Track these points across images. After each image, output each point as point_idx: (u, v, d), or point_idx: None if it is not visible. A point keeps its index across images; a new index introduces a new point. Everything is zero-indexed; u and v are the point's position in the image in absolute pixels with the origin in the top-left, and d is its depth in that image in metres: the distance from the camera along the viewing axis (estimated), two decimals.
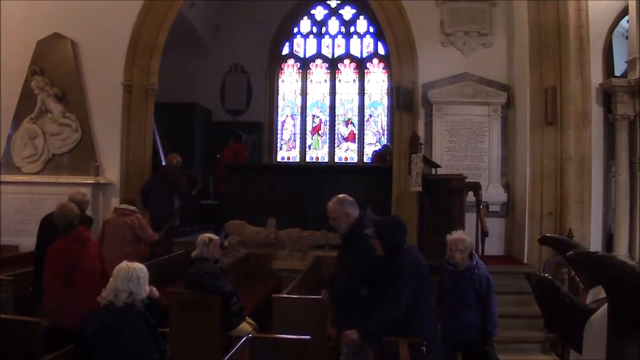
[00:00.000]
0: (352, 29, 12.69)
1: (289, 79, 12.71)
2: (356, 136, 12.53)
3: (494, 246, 7.28)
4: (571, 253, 1.57)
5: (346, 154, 12.58)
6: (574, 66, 6.87)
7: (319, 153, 12.62)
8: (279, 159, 12.57)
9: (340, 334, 3.82)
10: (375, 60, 12.57)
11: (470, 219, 6.45)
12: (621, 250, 6.83)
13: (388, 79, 12.05)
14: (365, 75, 12.52)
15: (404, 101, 7.88)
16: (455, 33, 7.90)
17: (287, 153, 12.69)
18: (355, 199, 4.01)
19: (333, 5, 12.75)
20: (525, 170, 7.08)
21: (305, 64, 12.67)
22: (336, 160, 12.48)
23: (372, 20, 11.78)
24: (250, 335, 3.97)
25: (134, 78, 8.11)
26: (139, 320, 3.28)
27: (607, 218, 7.22)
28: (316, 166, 11.83)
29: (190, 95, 11.45)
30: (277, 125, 12.65)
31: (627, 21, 7.04)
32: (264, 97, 12.44)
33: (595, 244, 6.86)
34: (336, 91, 12.58)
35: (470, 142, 7.80)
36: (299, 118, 12.65)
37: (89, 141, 7.94)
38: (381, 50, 12.33)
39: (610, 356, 1.43)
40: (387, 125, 12.13)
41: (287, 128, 12.71)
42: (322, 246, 7.35)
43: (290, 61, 12.71)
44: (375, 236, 3.69)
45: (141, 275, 3.32)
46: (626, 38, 7.30)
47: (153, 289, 3.48)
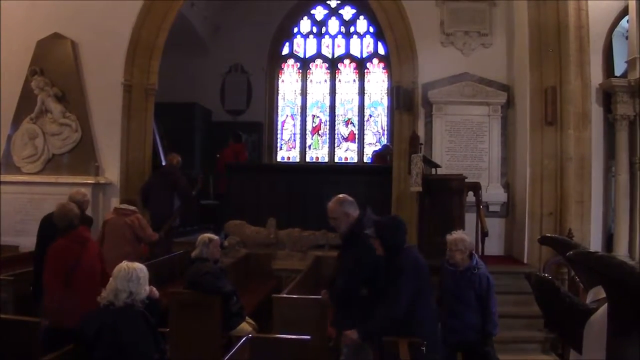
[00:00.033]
0: (352, 29, 12.69)
1: (289, 79, 12.71)
2: (356, 136, 12.52)
3: (494, 246, 7.28)
4: (571, 253, 1.57)
5: (346, 154, 12.58)
6: (574, 66, 6.87)
7: (319, 153, 12.62)
8: (279, 159, 12.57)
9: (340, 334, 3.82)
10: (375, 60, 12.57)
11: (470, 219, 6.45)
12: (621, 250, 6.83)
13: (388, 79, 12.05)
14: (365, 75, 12.52)
15: (404, 101, 7.88)
16: (455, 33, 7.91)
17: (287, 153, 12.69)
18: (355, 199, 4.01)
19: (333, 5, 12.75)
20: (525, 170, 7.08)
21: (305, 64, 12.67)
22: (336, 160, 12.48)
23: (372, 20, 11.78)
24: (250, 335, 3.97)
25: (134, 78, 8.11)
26: (139, 320, 3.28)
27: (607, 218, 7.22)
28: (316, 166, 11.82)
29: (190, 95, 11.45)
30: (277, 125, 12.65)
31: (627, 21, 7.04)
32: (264, 97, 12.44)
33: (595, 244, 6.86)
34: (336, 91, 12.58)
35: (470, 142, 7.80)
36: (299, 118, 12.65)
37: (89, 141, 7.95)
38: (381, 50, 12.33)
39: (610, 356, 1.43)
40: (387, 125, 12.13)
41: (287, 128, 12.70)
42: (322, 246, 7.35)
43: (290, 61, 12.71)
44: (375, 236, 3.69)
45: (141, 275, 3.33)
46: (626, 38, 7.30)
47: (153, 289, 3.48)
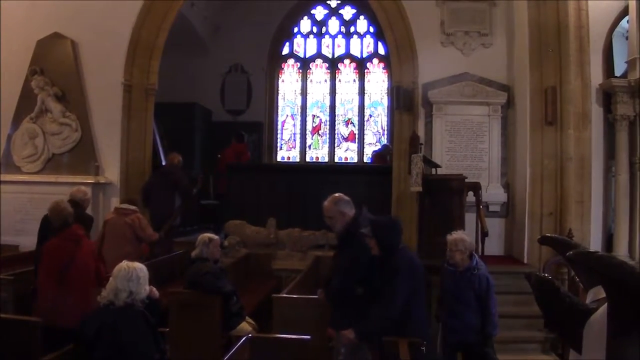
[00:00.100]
0: (352, 29, 12.70)
1: (289, 79, 12.72)
2: (356, 136, 12.53)
3: (494, 246, 7.28)
4: (571, 253, 1.57)
5: (346, 154, 12.58)
6: (574, 66, 6.87)
7: (319, 153, 12.63)
8: (279, 159, 12.58)
9: (338, 334, 3.83)
10: (375, 60, 12.57)
11: (470, 219, 6.44)
12: (621, 250, 6.83)
13: (388, 79, 12.05)
14: (366, 75, 12.53)
15: (404, 101, 7.87)
16: (455, 33, 7.90)
17: (287, 153, 12.69)
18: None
19: (333, 5, 12.75)
20: (525, 170, 7.08)
21: (305, 63, 12.67)
22: (336, 160, 12.49)
23: (372, 20, 11.78)
24: (250, 335, 3.97)
25: (134, 78, 8.11)
26: (139, 320, 3.28)
27: (607, 218, 7.22)
28: (316, 166, 11.83)
29: (190, 95, 11.46)
30: (277, 125, 12.66)
31: (627, 21, 7.04)
32: (264, 97, 12.45)
33: (595, 244, 6.85)
34: (336, 91, 12.58)
35: (470, 142, 7.80)
36: (299, 118, 12.66)
37: (89, 141, 7.94)
38: (381, 50, 12.34)
39: (610, 356, 1.43)
40: (387, 125, 12.13)
41: (287, 128, 12.71)
42: (322, 246, 7.35)
43: (291, 61, 12.71)
44: (371, 235, 3.69)
45: (141, 274, 3.33)
46: (626, 38, 7.30)
47: (153, 289, 3.48)
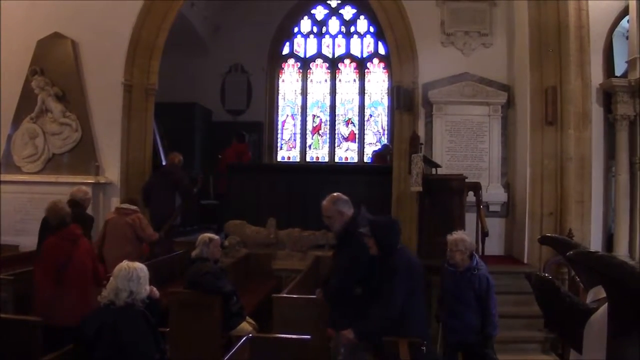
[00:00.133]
0: (353, 29, 12.70)
1: (289, 79, 12.72)
2: (356, 136, 12.53)
3: (494, 246, 7.28)
4: (571, 253, 1.57)
5: (346, 153, 12.58)
6: (574, 66, 6.86)
7: (319, 153, 12.63)
8: (279, 159, 12.58)
9: (337, 334, 3.83)
10: (375, 60, 12.58)
11: (470, 219, 6.44)
12: (621, 250, 6.82)
13: (388, 78, 12.05)
14: (366, 75, 12.53)
15: (404, 101, 7.87)
16: (455, 33, 7.90)
17: (288, 153, 12.69)
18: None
19: (333, 5, 12.75)
20: (526, 170, 7.08)
21: (305, 63, 12.67)
22: (336, 160, 12.49)
23: (373, 20, 11.78)
24: (250, 335, 3.97)
25: (134, 78, 8.11)
26: (139, 320, 3.28)
27: (607, 218, 7.21)
28: (316, 166, 11.83)
29: (190, 95, 11.45)
30: (278, 125, 12.66)
31: (628, 21, 7.04)
32: (264, 97, 12.45)
33: (595, 244, 6.85)
34: (336, 91, 12.59)
35: (470, 142, 7.80)
36: (299, 118, 12.66)
37: (89, 141, 7.95)
38: (381, 50, 12.34)
39: (610, 356, 1.43)
40: (388, 125, 12.13)
41: (288, 128, 12.71)
42: (322, 246, 7.34)
43: (291, 61, 12.72)
44: (369, 235, 3.69)
45: (141, 274, 3.33)
46: (626, 38, 7.29)
47: (153, 289, 3.48)
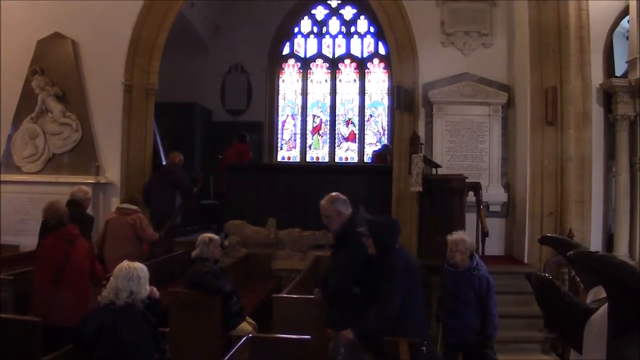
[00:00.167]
0: (353, 29, 12.69)
1: (289, 79, 12.72)
2: (356, 136, 12.53)
3: (494, 246, 7.27)
4: (571, 253, 1.56)
5: (346, 154, 12.58)
6: (574, 66, 6.86)
7: (319, 153, 12.63)
8: (280, 159, 12.58)
9: (337, 333, 3.83)
10: (375, 60, 12.57)
11: (470, 219, 6.44)
12: (621, 250, 6.83)
13: (388, 79, 12.04)
14: (366, 75, 12.53)
15: (404, 101, 7.87)
16: (455, 33, 7.90)
17: (288, 153, 12.69)
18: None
19: (334, 5, 12.75)
20: (526, 170, 7.08)
21: (305, 63, 12.67)
22: (336, 160, 12.49)
23: (373, 20, 11.78)
24: (250, 335, 3.97)
25: (134, 78, 8.11)
26: (139, 320, 3.28)
27: (608, 218, 7.21)
28: (316, 166, 11.82)
29: (190, 95, 11.46)
30: (278, 125, 12.65)
31: (628, 21, 7.04)
32: (264, 97, 12.45)
33: (595, 244, 6.85)
34: (337, 91, 12.58)
35: (470, 142, 7.80)
36: (299, 118, 12.65)
37: (90, 141, 7.95)
38: (382, 50, 12.33)
39: (610, 356, 1.43)
40: (388, 125, 12.13)
41: (288, 128, 12.71)
42: (322, 246, 7.34)
43: (291, 61, 12.71)
44: (368, 235, 3.69)
45: (142, 274, 3.33)
46: (627, 38, 7.29)
47: (153, 289, 3.48)
